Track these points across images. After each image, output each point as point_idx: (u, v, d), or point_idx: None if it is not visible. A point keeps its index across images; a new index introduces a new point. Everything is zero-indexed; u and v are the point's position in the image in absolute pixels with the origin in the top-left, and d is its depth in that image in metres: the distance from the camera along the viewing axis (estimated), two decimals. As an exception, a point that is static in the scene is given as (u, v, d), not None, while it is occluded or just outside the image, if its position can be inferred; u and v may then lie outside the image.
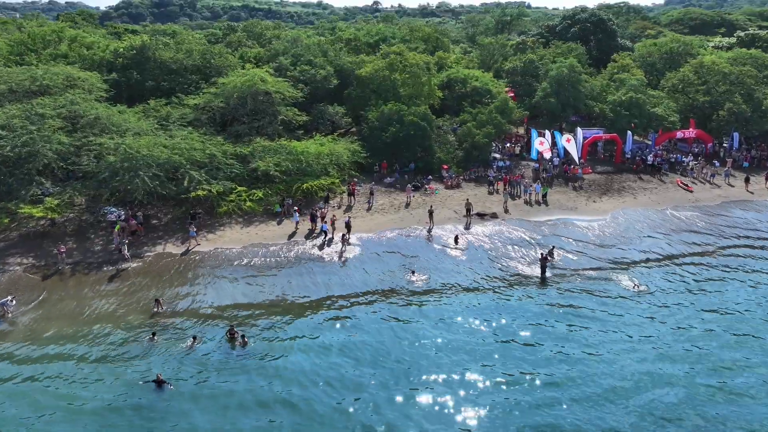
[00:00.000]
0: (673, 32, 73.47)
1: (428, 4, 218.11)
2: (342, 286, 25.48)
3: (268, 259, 27.74)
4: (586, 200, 36.53)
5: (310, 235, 30.55)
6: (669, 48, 56.57)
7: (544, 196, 36.24)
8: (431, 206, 32.77)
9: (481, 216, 33.48)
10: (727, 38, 73.02)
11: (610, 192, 38.00)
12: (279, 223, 31.68)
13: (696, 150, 46.03)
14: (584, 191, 37.98)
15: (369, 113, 40.50)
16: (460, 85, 47.04)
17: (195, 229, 29.17)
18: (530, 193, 36.45)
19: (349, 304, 24.04)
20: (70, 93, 33.27)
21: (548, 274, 26.49)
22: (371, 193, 35.31)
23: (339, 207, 34.30)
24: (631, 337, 21.92)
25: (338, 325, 22.52)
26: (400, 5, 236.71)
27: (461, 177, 39.31)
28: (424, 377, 19.56)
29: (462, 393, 18.89)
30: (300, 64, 43.39)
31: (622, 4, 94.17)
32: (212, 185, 30.60)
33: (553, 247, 28.74)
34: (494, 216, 33.62)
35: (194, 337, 21.36)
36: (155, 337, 21.35)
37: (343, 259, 28.12)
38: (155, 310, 23.13)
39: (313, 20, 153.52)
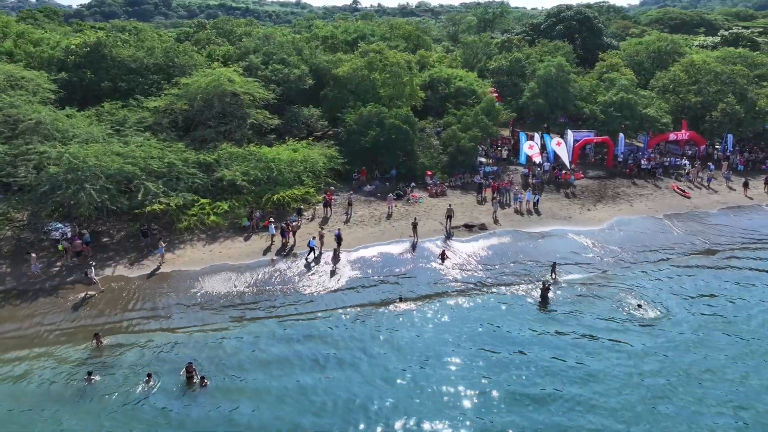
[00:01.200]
0: (657, 31, 72.09)
1: (408, 3, 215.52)
2: (321, 310, 22.53)
3: (233, 283, 24.62)
4: (580, 208, 34.15)
5: (281, 251, 27.56)
6: (657, 47, 54.90)
7: (536, 204, 33.76)
8: (415, 218, 29.99)
9: (469, 227, 30.82)
10: (710, 37, 71.99)
11: (604, 199, 35.69)
12: (247, 239, 28.55)
13: (689, 152, 44.19)
14: (577, 198, 35.62)
15: (347, 116, 37.62)
16: (444, 86, 44.50)
17: (164, 245, 26.08)
18: (521, 202, 33.94)
19: (328, 328, 21.18)
20: (10, 94, 29.75)
21: (550, 294, 23.89)
22: (349, 204, 32.39)
23: (312, 219, 31.31)
24: (635, 356, 19.66)
25: (317, 355, 19.62)
26: (379, 4, 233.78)
27: (446, 184, 36.65)
28: (412, 406, 17.03)
29: (456, 416, 16.82)
30: (272, 63, 40.30)
31: (602, 3, 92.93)
32: (171, 198, 27.42)
33: (554, 263, 25.99)
34: (483, 227, 30.99)
35: (149, 375, 18.33)
36: (92, 378, 18.25)
37: (324, 277, 25.18)
38: (94, 345, 19.93)
39: (291, 19, 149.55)
